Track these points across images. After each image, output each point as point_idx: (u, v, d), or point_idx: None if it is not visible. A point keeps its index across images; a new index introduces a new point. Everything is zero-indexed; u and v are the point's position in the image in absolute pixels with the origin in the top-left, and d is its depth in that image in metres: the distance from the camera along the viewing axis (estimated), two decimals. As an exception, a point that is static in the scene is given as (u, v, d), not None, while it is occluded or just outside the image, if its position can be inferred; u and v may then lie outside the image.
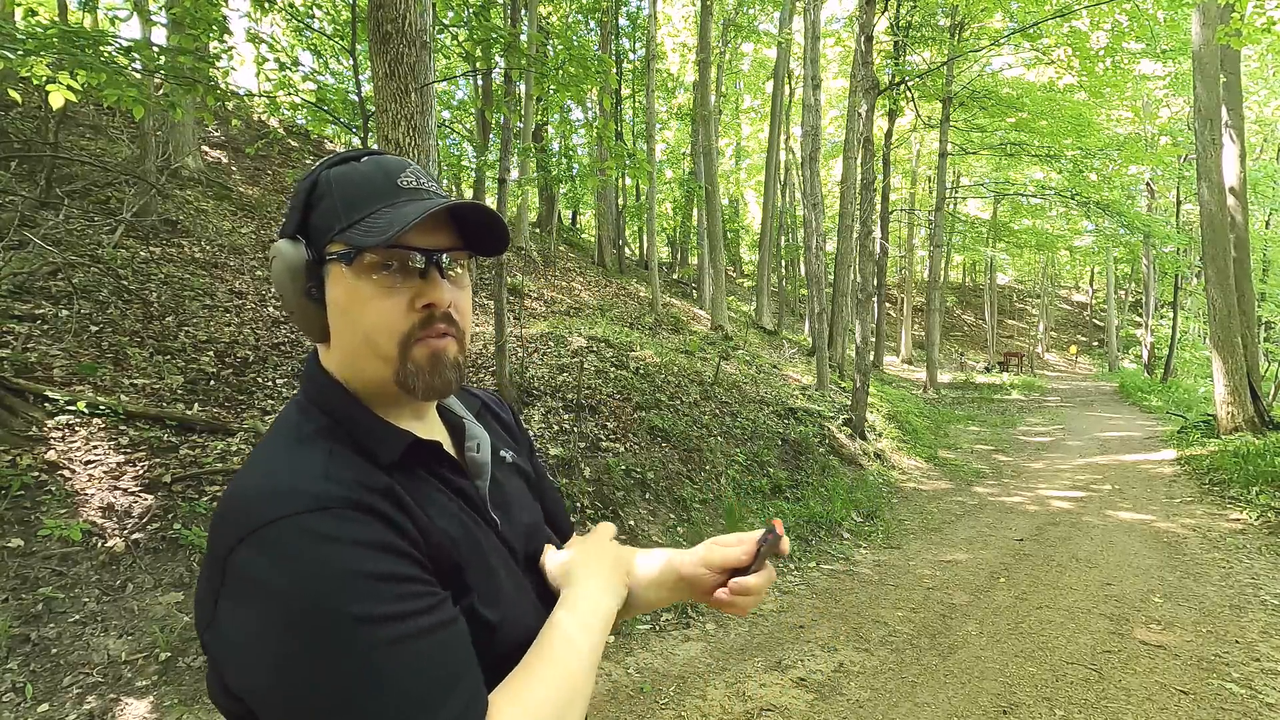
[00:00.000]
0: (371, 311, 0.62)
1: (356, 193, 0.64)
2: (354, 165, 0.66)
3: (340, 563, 0.51)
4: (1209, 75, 8.97)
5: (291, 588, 0.50)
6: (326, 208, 0.64)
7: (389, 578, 0.53)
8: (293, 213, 0.66)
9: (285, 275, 0.64)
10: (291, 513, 0.52)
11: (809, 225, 13.24)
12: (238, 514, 0.54)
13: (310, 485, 0.55)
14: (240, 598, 0.52)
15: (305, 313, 0.65)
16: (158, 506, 3.24)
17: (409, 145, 3.47)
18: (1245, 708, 2.78)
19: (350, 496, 0.55)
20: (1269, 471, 6.31)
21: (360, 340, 0.63)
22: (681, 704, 2.82)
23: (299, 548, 0.51)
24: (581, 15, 15.00)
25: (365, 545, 0.53)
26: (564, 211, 22.64)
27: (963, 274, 39.06)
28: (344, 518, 0.53)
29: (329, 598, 0.50)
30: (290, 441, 0.62)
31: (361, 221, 0.62)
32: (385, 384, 0.65)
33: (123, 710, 2.37)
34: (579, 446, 5.11)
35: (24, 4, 4.26)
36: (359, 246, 0.61)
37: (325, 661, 0.50)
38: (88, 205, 6.17)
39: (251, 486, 0.57)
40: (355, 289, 0.63)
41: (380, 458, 0.62)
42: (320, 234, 0.64)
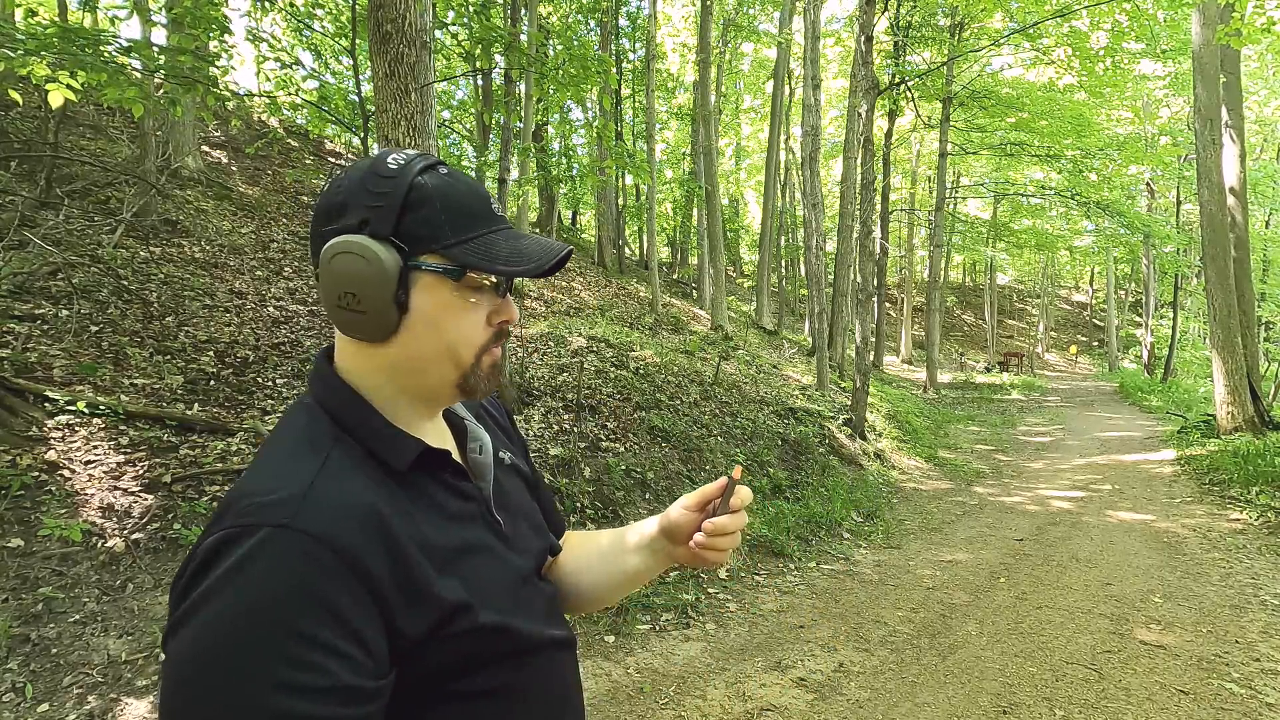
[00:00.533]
0: (461, 325, 0.66)
1: (461, 210, 0.65)
2: (451, 180, 0.66)
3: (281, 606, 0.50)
4: (1209, 75, 8.97)
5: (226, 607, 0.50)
6: (428, 217, 0.63)
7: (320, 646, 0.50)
8: (382, 213, 0.63)
9: (372, 276, 0.61)
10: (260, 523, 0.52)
11: (809, 225, 13.25)
12: (222, 511, 0.55)
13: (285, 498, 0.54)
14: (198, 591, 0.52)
15: (382, 315, 0.63)
16: (158, 506, 3.24)
17: (409, 145, 3.47)
18: (1245, 708, 2.78)
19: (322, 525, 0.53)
20: (1269, 471, 6.31)
21: (442, 349, 0.66)
22: (681, 704, 2.82)
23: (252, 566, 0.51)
24: (581, 15, 14.98)
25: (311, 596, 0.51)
26: (564, 211, 22.65)
27: (963, 274, 39.05)
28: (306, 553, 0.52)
29: (252, 637, 0.49)
30: (292, 446, 0.62)
31: (470, 241, 0.65)
32: (443, 387, 0.68)
33: (123, 710, 2.37)
34: (579, 446, 5.11)
35: (24, 4, 4.26)
36: (469, 265, 0.64)
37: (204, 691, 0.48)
38: (88, 205, 6.17)
39: (242, 486, 0.57)
40: (450, 302, 0.65)
41: (392, 464, 0.63)
42: (417, 242, 0.63)
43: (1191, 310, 22.40)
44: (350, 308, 0.62)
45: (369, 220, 0.63)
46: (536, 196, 16.75)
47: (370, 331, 0.64)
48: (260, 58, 6.31)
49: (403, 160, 0.65)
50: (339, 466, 0.60)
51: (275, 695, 0.48)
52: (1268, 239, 19.16)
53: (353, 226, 0.63)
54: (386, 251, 0.62)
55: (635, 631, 3.46)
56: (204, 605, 0.50)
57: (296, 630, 0.49)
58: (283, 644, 0.49)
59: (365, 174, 0.64)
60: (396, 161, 0.65)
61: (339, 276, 0.62)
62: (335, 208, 0.64)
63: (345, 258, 0.62)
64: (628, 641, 3.36)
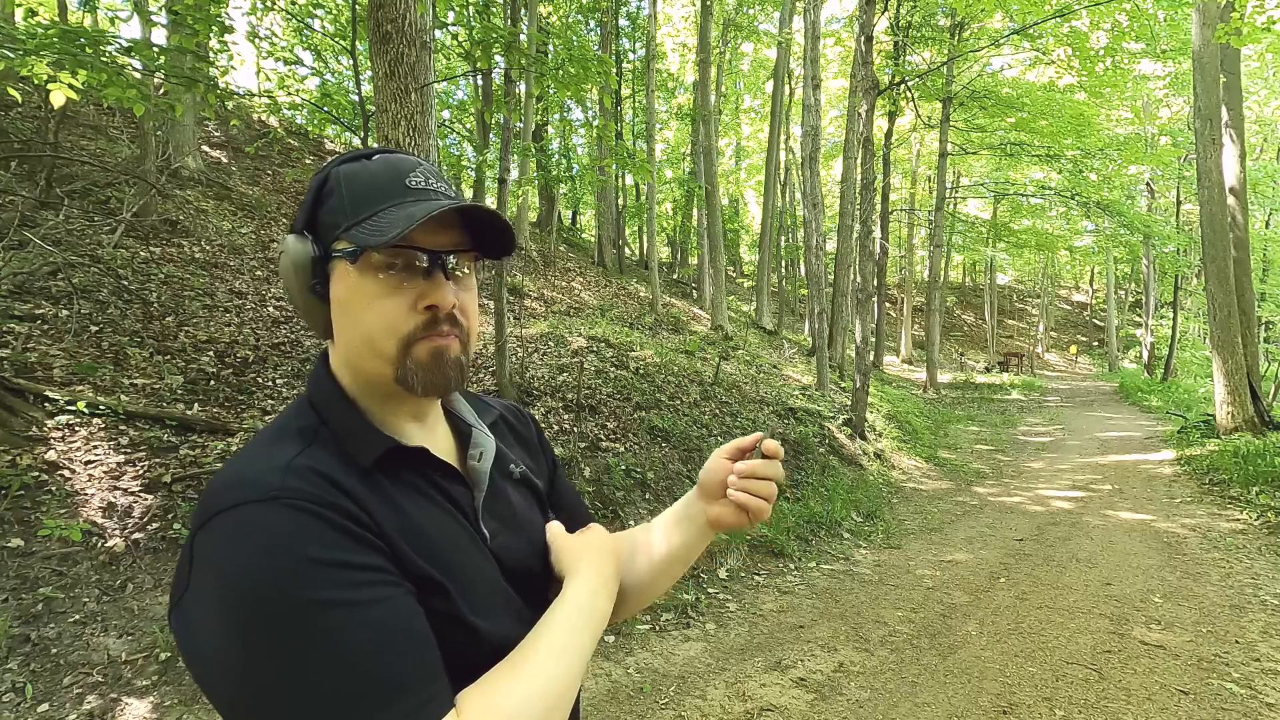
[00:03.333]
0: (374, 311, 0.62)
1: (364, 191, 0.64)
2: (364, 163, 0.67)
3: (288, 549, 0.51)
4: (1209, 75, 8.96)
5: (240, 573, 0.50)
6: (335, 205, 0.64)
7: (340, 564, 0.52)
8: (303, 208, 0.67)
9: (291, 270, 0.65)
10: (243, 501, 0.53)
11: (809, 225, 13.24)
12: (205, 500, 0.55)
13: (269, 476, 0.55)
14: (199, 580, 0.52)
15: (310, 309, 0.66)
16: (158, 506, 3.23)
17: (409, 145, 3.47)
18: (1245, 708, 2.78)
19: (305, 489, 0.54)
20: (1269, 471, 6.31)
21: (360, 338, 0.63)
22: (681, 704, 2.82)
23: (246, 534, 0.51)
24: (581, 15, 15.00)
25: (316, 534, 0.52)
26: (564, 211, 22.65)
27: (963, 274, 39.05)
28: (295, 507, 0.53)
29: (276, 583, 0.49)
30: (273, 436, 0.63)
31: (368, 220, 0.62)
32: (385, 382, 0.65)
33: (123, 710, 2.37)
34: (579, 446, 5.11)
35: (24, 4, 4.26)
36: (364, 245, 0.61)
37: (268, 646, 0.49)
38: (88, 205, 6.17)
39: (223, 475, 0.57)
40: (359, 287, 0.63)
41: (359, 459, 0.62)
42: (327, 230, 0.64)
43: (1191, 310, 22.41)
44: (292, 305, 0.67)
45: (296, 218, 0.67)
46: (536, 196, 16.75)
47: (313, 325, 0.67)
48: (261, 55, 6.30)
49: (333, 158, 0.69)
50: (316, 451, 0.60)
51: (327, 612, 0.50)
52: (1268, 239, 19.16)
53: (289, 230, 0.68)
54: (298, 242, 0.65)
55: (635, 631, 3.46)
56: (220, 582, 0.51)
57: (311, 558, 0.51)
58: (308, 570, 0.50)
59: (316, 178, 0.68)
60: (329, 160, 0.69)
61: (282, 276, 0.67)
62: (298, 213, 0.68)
63: (281, 258, 0.67)
64: (628, 641, 3.36)
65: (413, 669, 0.52)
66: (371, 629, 0.51)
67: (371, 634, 0.51)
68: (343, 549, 0.53)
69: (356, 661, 0.49)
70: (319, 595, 0.50)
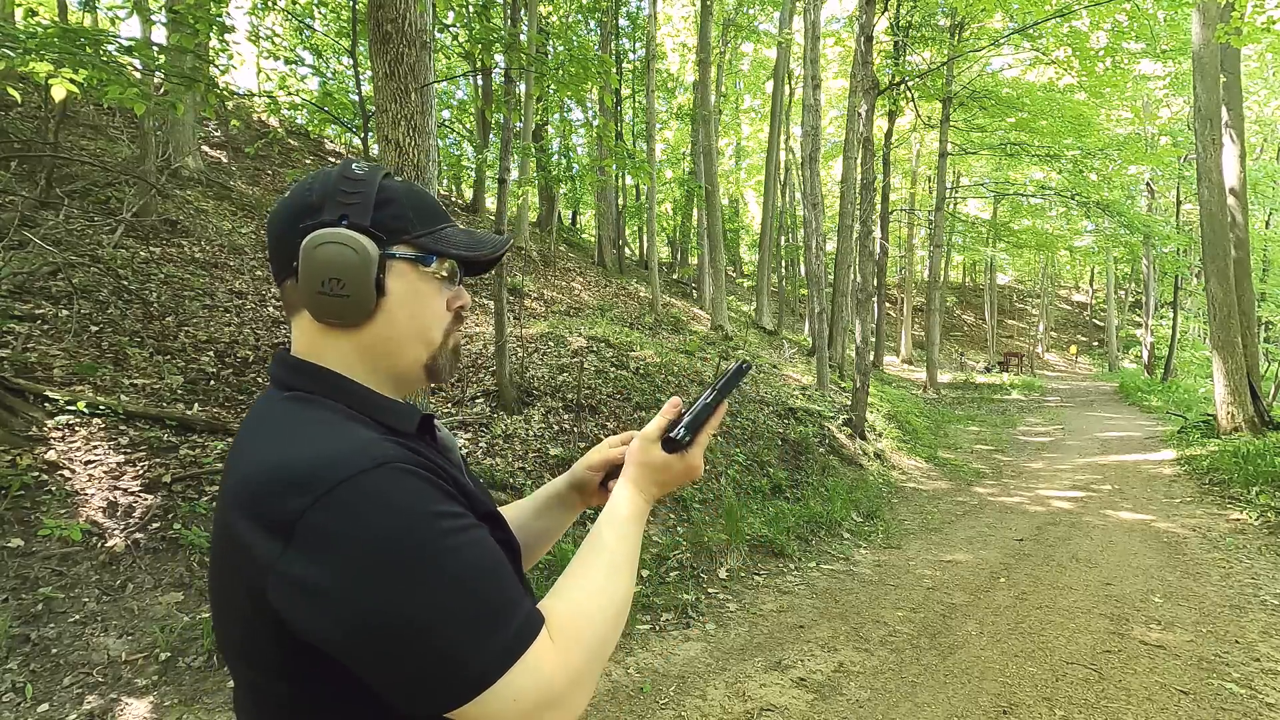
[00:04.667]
0: (428, 306, 0.74)
1: (424, 207, 0.75)
2: (408, 184, 0.76)
3: (412, 505, 0.59)
4: (1209, 75, 8.96)
5: (376, 535, 0.56)
6: (398, 212, 0.73)
7: (452, 514, 0.61)
8: (359, 208, 0.71)
9: (355, 261, 0.69)
10: (357, 472, 0.58)
11: (809, 225, 13.25)
12: (297, 484, 0.58)
13: (368, 448, 0.61)
14: (320, 552, 0.56)
15: (363, 298, 0.70)
16: (158, 506, 3.23)
17: (409, 145, 3.47)
18: (1245, 708, 2.78)
19: (403, 454, 0.62)
20: (1269, 471, 6.31)
21: (415, 328, 0.74)
22: (681, 704, 2.82)
23: (375, 499, 0.58)
24: (581, 15, 14.99)
25: (425, 490, 0.61)
26: (564, 211, 22.64)
27: (963, 274, 39.05)
28: (402, 470, 0.60)
29: (411, 535, 0.57)
30: (316, 424, 0.66)
31: (435, 233, 0.74)
32: (415, 368, 0.75)
33: (123, 710, 2.37)
34: (579, 446, 5.11)
35: (24, 3, 4.26)
36: (435, 252, 0.73)
37: (423, 588, 0.56)
38: (88, 205, 6.16)
39: (298, 460, 0.60)
40: (420, 286, 0.73)
41: (401, 428, 0.71)
42: (390, 233, 0.72)
43: (1191, 310, 22.41)
44: (334, 293, 0.69)
45: (347, 215, 0.70)
46: (536, 196, 16.75)
47: (351, 314, 0.70)
48: (262, 55, 6.30)
49: (367, 168, 0.74)
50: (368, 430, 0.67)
51: (459, 552, 0.59)
52: (1268, 239, 19.16)
53: (332, 221, 0.70)
54: (367, 240, 0.70)
55: (635, 631, 3.46)
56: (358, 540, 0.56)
57: (430, 510, 0.60)
58: (433, 520, 0.59)
59: (337, 178, 0.72)
60: (362, 168, 0.74)
61: (324, 264, 0.68)
62: (310, 206, 0.71)
63: (331, 247, 0.68)
64: (628, 641, 3.36)
65: (511, 591, 0.62)
66: (484, 561, 0.61)
67: (484, 567, 0.61)
68: (446, 502, 0.62)
69: (480, 590, 0.60)
70: (447, 541, 0.59)
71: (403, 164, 3.45)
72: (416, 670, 0.56)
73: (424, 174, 3.51)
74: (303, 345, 0.73)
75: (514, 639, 0.59)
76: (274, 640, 0.59)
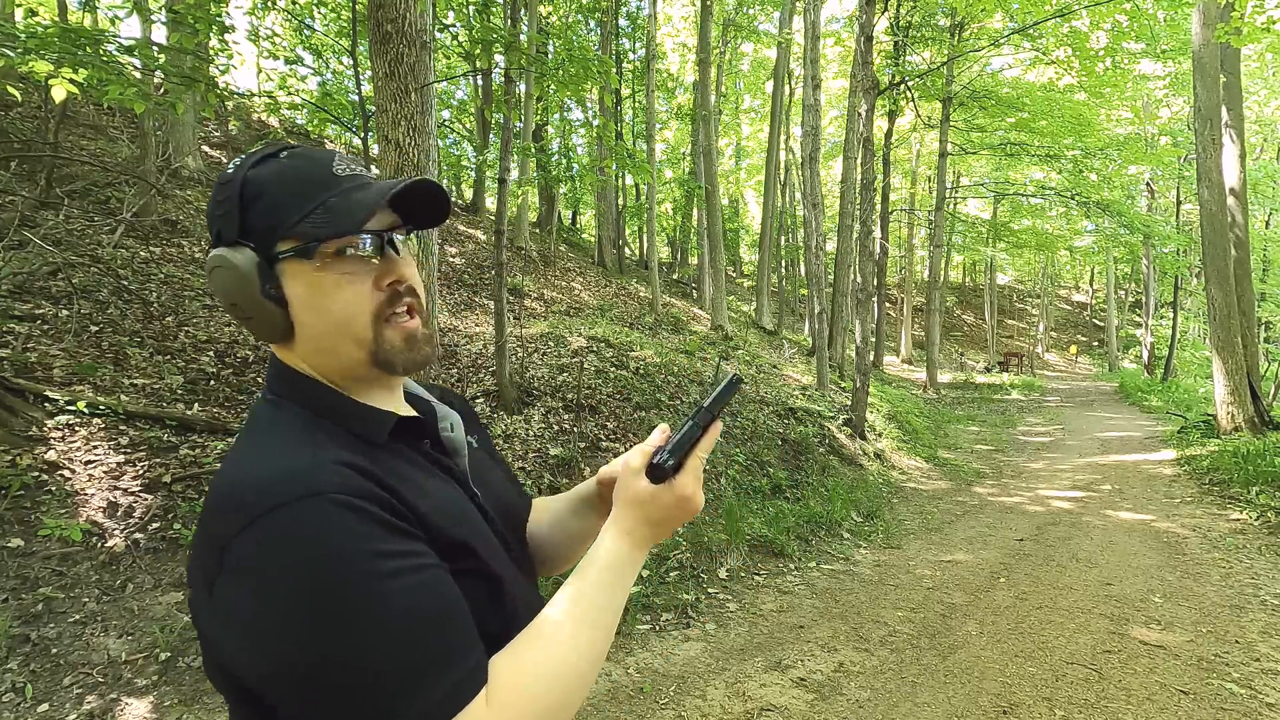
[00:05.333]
0: (341, 298, 0.64)
1: (296, 187, 0.64)
2: (279, 161, 0.66)
3: (340, 544, 0.53)
4: (1209, 75, 8.96)
5: (297, 568, 0.52)
6: (266, 206, 0.63)
7: (390, 554, 0.55)
8: (226, 219, 0.64)
9: (236, 282, 0.63)
10: (284, 502, 0.54)
11: (809, 225, 13.24)
12: (234, 504, 0.55)
13: (304, 475, 0.56)
14: (241, 583, 0.53)
15: (265, 315, 0.64)
16: (158, 506, 3.23)
17: (409, 145, 3.47)
18: (1245, 708, 2.78)
19: (342, 483, 0.56)
20: (1269, 471, 6.31)
21: (333, 328, 0.65)
22: (681, 704, 2.82)
23: (299, 532, 0.53)
24: (581, 15, 14.99)
25: (359, 527, 0.54)
26: (564, 211, 22.64)
27: (963, 274, 39.05)
28: (334, 503, 0.54)
29: (334, 577, 0.52)
30: (274, 435, 0.63)
31: (311, 214, 0.63)
32: (359, 366, 0.67)
33: (123, 710, 2.37)
34: (579, 446, 5.11)
35: (24, 3, 4.26)
36: (318, 237, 0.62)
37: (342, 637, 0.51)
38: (88, 205, 6.16)
39: (244, 478, 0.57)
40: (319, 281, 0.64)
41: (370, 439, 0.65)
42: (266, 234, 0.63)
43: (1191, 310, 22.41)
44: (242, 317, 0.65)
45: (221, 230, 0.65)
46: (536, 196, 16.75)
47: (267, 331, 0.66)
48: (262, 55, 6.30)
49: (239, 161, 0.66)
50: (327, 442, 0.62)
51: (383, 599, 0.53)
52: (1268, 239, 19.17)
53: (214, 241, 0.65)
54: (238, 253, 0.63)
55: (635, 631, 3.46)
56: (276, 577, 0.52)
57: (360, 549, 0.54)
58: (359, 561, 0.53)
59: (213, 189, 0.66)
60: (233, 164, 0.66)
61: (218, 291, 0.65)
62: (210, 232, 0.67)
63: (215, 274, 0.64)
64: (628, 641, 3.36)
65: (455, 642, 0.56)
66: (419, 610, 0.54)
67: (420, 614, 0.54)
68: (384, 539, 0.55)
69: (410, 641, 0.53)
70: (374, 585, 0.53)
71: (403, 164, 3.45)
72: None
73: (424, 174, 3.51)
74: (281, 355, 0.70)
75: (440, 702, 0.53)
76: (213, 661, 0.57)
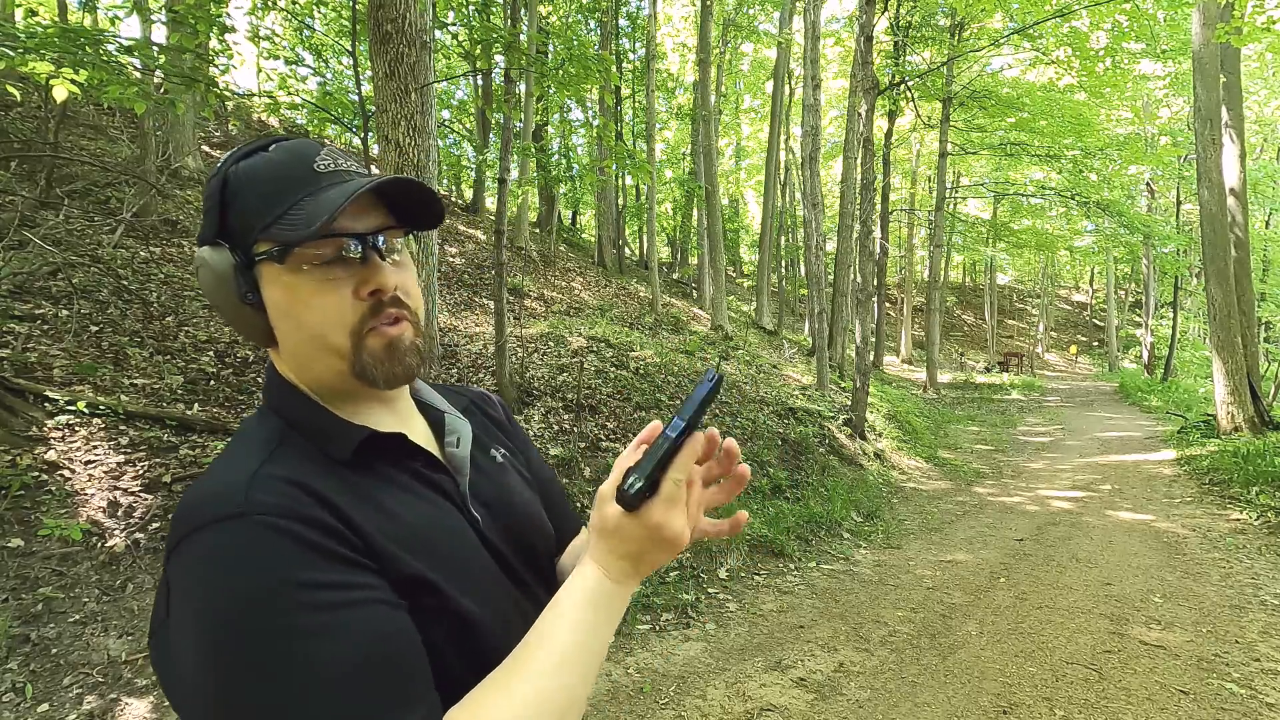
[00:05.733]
0: (316, 307, 0.60)
1: (273, 185, 0.60)
2: (263, 156, 0.62)
3: (257, 572, 0.48)
4: (1209, 75, 8.96)
5: (210, 598, 0.48)
6: (244, 205, 0.60)
7: (322, 585, 0.49)
8: (208, 216, 0.62)
9: (215, 284, 0.60)
10: (210, 521, 0.50)
11: (809, 225, 13.24)
12: (175, 521, 0.53)
13: (234, 492, 0.52)
14: (177, 606, 0.51)
15: (245, 320, 0.61)
16: (158, 506, 3.23)
17: (409, 145, 3.47)
18: (1245, 708, 2.78)
19: (273, 502, 0.52)
20: (1269, 471, 6.31)
21: (307, 338, 0.61)
22: (681, 704, 2.82)
23: (214, 557, 0.49)
24: (581, 15, 15.00)
25: (290, 553, 0.49)
26: (564, 211, 22.64)
27: (963, 274, 39.05)
28: (265, 525, 0.50)
29: (247, 608, 0.47)
30: (238, 446, 0.60)
31: (286, 215, 0.58)
32: (341, 378, 0.63)
33: (123, 710, 2.37)
34: (579, 446, 5.11)
35: (24, 3, 4.26)
36: (288, 241, 0.58)
37: (240, 675, 0.46)
38: (88, 205, 6.16)
39: (191, 493, 0.55)
40: (293, 286, 0.59)
41: (334, 454, 0.60)
42: (244, 234, 0.60)
43: (1191, 310, 22.41)
44: (225, 319, 0.62)
45: (204, 228, 0.62)
46: (536, 196, 16.75)
47: (251, 336, 0.63)
48: (262, 54, 6.31)
49: (225, 156, 0.63)
50: (284, 456, 0.58)
51: (300, 637, 0.47)
52: (1268, 239, 19.16)
53: (198, 240, 0.63)
54: (215, 254, 0.60)
55: (635, 631, 3.46)
56: (193, 608, 0.49)
57: (282, 579, 0.48)
58: (280, 592, 0.48)
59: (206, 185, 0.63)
60: (221, 160, 0.63)
61: (204, 291, 0.62)
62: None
63: (198, 273, 0.62)
64: (628, 641, 3.36)
65: (391, 694, 0.49)
66: (347, 655, 0.48)
67: (347, 660, 0.48)
68: (315, 567, 0.50)
69: (331, 691, 0.46)
70: (291, 620, 0.47)
71: (403, 164, 3.45)
72: None
73: (424, 174, 3.51)
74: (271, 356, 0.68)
75: None
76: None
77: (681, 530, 0.57)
